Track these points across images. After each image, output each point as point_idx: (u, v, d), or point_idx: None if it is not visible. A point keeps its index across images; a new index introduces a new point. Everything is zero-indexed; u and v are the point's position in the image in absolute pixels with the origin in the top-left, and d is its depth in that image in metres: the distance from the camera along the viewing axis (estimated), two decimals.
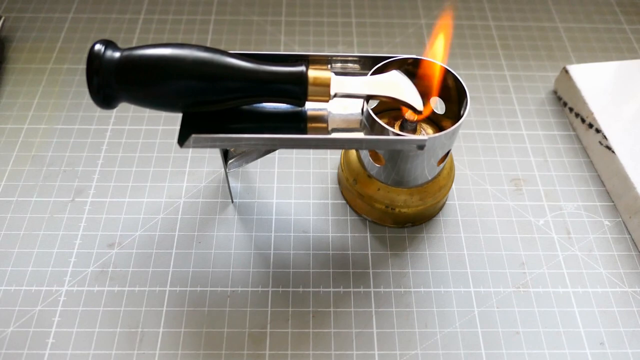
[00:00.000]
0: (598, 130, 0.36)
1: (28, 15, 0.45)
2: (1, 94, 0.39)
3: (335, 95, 0.26)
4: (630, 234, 0.33)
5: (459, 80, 0.28)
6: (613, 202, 0.35)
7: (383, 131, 0.26)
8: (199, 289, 0.30)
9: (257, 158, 0.31)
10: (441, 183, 0.31)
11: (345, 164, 0.32)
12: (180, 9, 0.46)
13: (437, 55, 0.30)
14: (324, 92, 0.26)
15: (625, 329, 0.29)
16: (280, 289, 0.30)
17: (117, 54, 0.24)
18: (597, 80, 0.38)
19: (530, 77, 0.42)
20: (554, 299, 0.30)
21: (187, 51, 0.24)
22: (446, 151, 0.29)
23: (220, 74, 0.24)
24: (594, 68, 0.39)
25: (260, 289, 0.30)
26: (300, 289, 0.30)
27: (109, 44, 0.24)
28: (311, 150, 0.37)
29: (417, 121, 0.29)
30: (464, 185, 0.35)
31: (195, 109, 0.25)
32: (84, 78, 0.41)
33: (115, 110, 0.38)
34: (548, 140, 0.38)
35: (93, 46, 0.24)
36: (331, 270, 0.31)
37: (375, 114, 0.26)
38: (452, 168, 0.32)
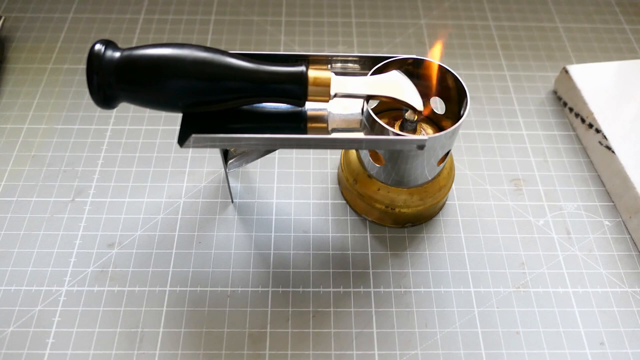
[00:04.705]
0: (598, 130, 0.36)
1: (28, 15, 0.45)
2: (1, 94, 0.39)
3: (335, 95, 0.26)
4: (630, 234, 0.33)
5: (459, 80, 0.28)
6: (613, 202, 0.35)
7: (383, 131, 0.26)
8: (199, 289, 0.30)
9: (257, 158, 0.31)
10: (441, 183, 0.31)
11: (345, 164, 0.32)
12: (180, 9, 0.46)
13: (435, 55, 0.30)
14: (324, 92, 0.26)
15: (625, 329, 0.29)
16: (280, 289, 0.30)
17: (117, 54, 0.24)
18: (597, 80, 0.38)
19: (530, 77, 0.42)
20: (554, 299, 0.30)
21: (187, 51, 0.24)
22: (446, 151, 0.29)
23: (220, 74, 0.24)
24: (594, 68, 0.39)
25: (260, 289, 0.30)
26: (300, 289, 0.30)
27: (109, 44, 0.24)
28: (311, 150, 0.37)
29: (417, 121, 0.29)
30: (464, 185, 0.35)
31: (195, 109, 0.25)
32: (84, 78, 0.41)
33: (115, 110, 0.38)
34: (548, 140, 0.38)
35: (93, 46, 0.24)
36: (331, 270, 0.31)
37: (375, 114, 0.26)
38: (452, 168, 0.32)
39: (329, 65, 0.29)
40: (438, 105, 0.32)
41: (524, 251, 0.32)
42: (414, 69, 0.29)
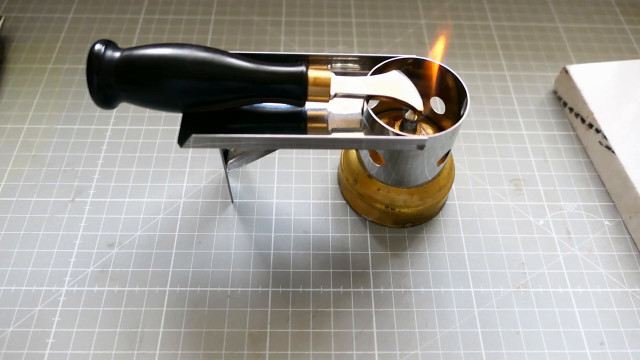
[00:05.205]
0: (598, 130, 0.36)
1: (28, 15, 0.45)
2: (1, 94, 0.39)
3: (335, 95, 0.26)
4: (630, 234, 0.33)
5: (459, 80, 0.28)
6: (613, 202, 0.35)
7: (383, 131, 0.26)
8: (199, 289, 0.30)
9: (257, 158, 0.31)
10: (441, 183, 0.31)
11: (345, 164, 0.32)
12: (180, 9, 0.46)
13: (436, 54, 0.30)
14: (324, 92, 0.26)
15: (625, 329, 0.29)
16: (280, 289, 0.30)
17: (117, 54, 0.24)
18: (597, 80, 0.38)
19: (530, 77, 0.42)
20: (554, 299, 0.30)
21: (187, 51, 0.24)
22: (446, 151, 0.29)
23: (220, 74, 0.24)
24: (594, 68, 0.39)
25: (260, 289, 0.30)
26: (300, 289, 0.30)
27: (109, 43, 0.24)
28: (311, 150, 0.37)
29: (417, 121, 0.29)
30: (464, 185, 0.35)
31: (195, 109, 0.25)
32: (84, 78, 0.41)
33: (115, 110, 0.38)
34: (548, 140, 0.38)
35: (93, 46, 0.24)
36: (331, 270, 0.31)
37: (375, 114, 0.26)
38: (452, 168, 0.32)
39: (329, 65, 0.29)
40: (438, 105, 0.32)
41: (524, 251, 0.32)
42: (414, 69, 0.29)
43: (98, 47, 0.24)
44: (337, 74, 0.27)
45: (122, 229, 0.32)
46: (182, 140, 0.25)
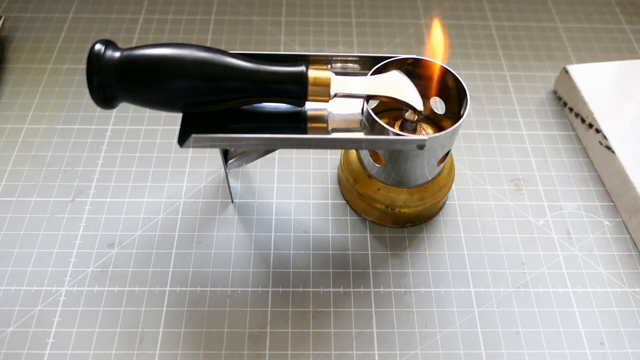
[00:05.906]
0: (598, 130, 0.36)
1: (28, 15, 0.45)
2: (1, 94, 0.39)
3: (335, 95, 0.26)
4: (630, 234, 0.33)
5: (459, 80, 0.28)
6: (613, 202, 0.35)
7: (383, 131, 0.26)
8: (199, 289, 0.30)
9: (257, 158, 0.31)
10: (441, 183, 0.31)
11: (345, 164, 0.32)
12: (180, 9, 0.46)
13: (436, 54, 0.30)
14: (324, 92, 0.26)
15: (625, 329, 0.29)
16: (280, 289, 0.30)
17: (117, 54, 0.24)
18: (597, 80, 0.38)
19: (530, 77, 0.42)
20: (554, 299, 0.30)
21: (187, 51, 0.24)
22: (446, 151, 0.29)
23: (220, 74, 0.24)
24: (594, 68, 0.39)
25: (260, 289, 0.30)
26: (300, 289, 0.30)
27: (109, 43, 0.24)
28: (311, 150, 0.37)
29: (417, 121, 0.29)
30: (464, 185, 0.35)
31: (195, 109, 0.25)
32: (84, 78, 0.41)
33: (115, 110, 0.38)
34: (548, 140, 0.38)
35: (93, 46, 0.24)
36: (331, 270, 0.31)
37: (375, 114, 0.26)
38: (452, 168, 0.32)
39: (329, 65, 0.29)
40: (438, 105, 0.32)
41: (524, 251, 0.32)
42: (414, 69, 0.29)
43: (98, 47, 0.24)
44: (337, 74, 0.27)
45: (122, 229, 0.32)
46: (182, 140, 0.25)
